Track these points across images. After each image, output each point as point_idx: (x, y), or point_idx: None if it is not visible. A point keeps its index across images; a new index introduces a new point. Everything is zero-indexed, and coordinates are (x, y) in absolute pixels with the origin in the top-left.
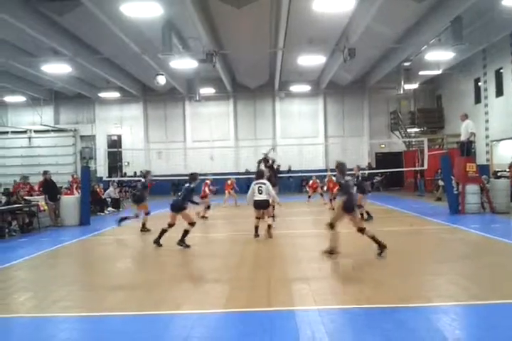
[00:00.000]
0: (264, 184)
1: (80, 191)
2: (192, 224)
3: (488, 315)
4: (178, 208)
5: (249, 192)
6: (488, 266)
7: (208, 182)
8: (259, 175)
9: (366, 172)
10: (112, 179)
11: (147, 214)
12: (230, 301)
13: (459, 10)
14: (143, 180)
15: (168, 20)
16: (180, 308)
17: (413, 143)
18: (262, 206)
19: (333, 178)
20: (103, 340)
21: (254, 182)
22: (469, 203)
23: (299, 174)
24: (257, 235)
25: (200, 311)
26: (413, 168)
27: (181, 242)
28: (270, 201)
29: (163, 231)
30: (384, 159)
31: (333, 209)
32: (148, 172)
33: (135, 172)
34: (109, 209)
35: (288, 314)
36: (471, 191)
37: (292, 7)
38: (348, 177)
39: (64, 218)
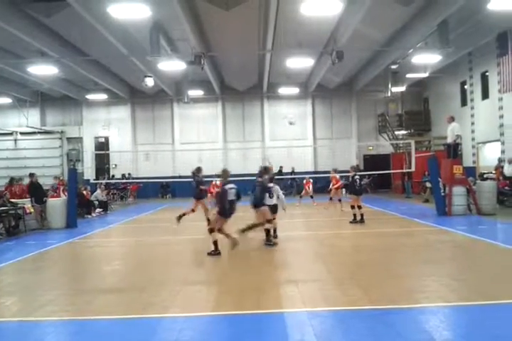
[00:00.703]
0: (273, 187)
1: (66, 193)
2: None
3: (476, 315)
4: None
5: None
6: (475, 267)
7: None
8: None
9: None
10: (100, 181)
11: (193, 211)
12: (218, 304)
13: (445, 14)
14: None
15: (156, 21)
16: (168, 311)
17: (400, 145)
18: (273, 210)
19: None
20: None
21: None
22: (456, 205)
23: (289, 176)
24: (272, 241)
25: (188, 314)
26: (401, 170)
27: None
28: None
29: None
30: (372, 161)
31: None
32: (199, 169)
33: (123, 175)
34: (97, 211)
35: (277, 316)
36: (458, 193)
37: (280, 10)
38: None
39: (50, 221)
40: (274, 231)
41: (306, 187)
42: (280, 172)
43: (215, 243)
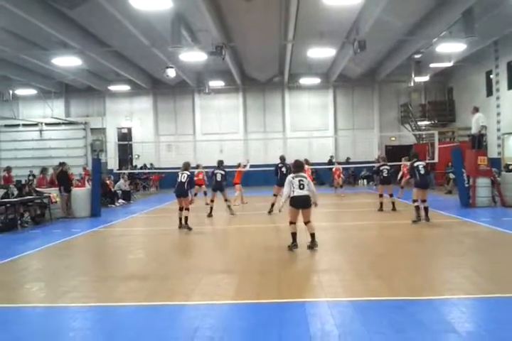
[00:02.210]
0: (306, 178)
1: (90, 183)
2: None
3: (498, 308)
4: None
5: (286, 187)
6: (499, 259)
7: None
8: (298, 167)
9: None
10: (123, 171)
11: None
12: (239, 293)
13: (470, 1)
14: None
15: (177, 12)
16: (190, 299)
17: (423, 136)
18: (304, 203)
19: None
20: (114, 330)
21: (292, 176)
22: (480, 196)
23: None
24: (295, 245)
25: (210, 302)
26: (424, 161)
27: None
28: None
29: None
30: (394, 152)
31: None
32: (221, 161)
33: (145, 165)
34: (120, 201)
35: (297, 306)
36: (482, 184)
37: None
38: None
39: (75, 210)
40: (312, 237)
41: (335, 177)
42: (330, 162)
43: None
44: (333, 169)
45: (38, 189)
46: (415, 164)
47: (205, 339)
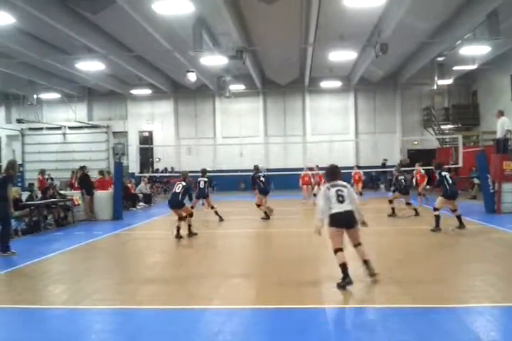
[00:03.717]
0: (345, 187)
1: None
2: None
3: None
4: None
5: (321, 202)
6: None
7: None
8: (334, 173)
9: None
10: (144, 175)
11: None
12: (259, 298)
13: (495, 3)
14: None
15: (199, 17)
16: (211, 303)
17: (447, 140)
18: (349, 221)
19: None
20: (135, 332)
21: (327, 186)
22: (506, 202)
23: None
24: (348, 282)
25: (230, 307)
26: (447, 166)
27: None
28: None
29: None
30: (416, 156)
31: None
32: (204, 170)
33: (165, 168)
34: (141, 204)
35: (318, 312)
36: (508, 190)
37: (323, 2)
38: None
39: (98, 212)
40: (367, 264)
41: (354, 181)
42: (384, 166)
43: None
44: (352, 173)
45: (61, 192)
46: (443, 173)
47: None
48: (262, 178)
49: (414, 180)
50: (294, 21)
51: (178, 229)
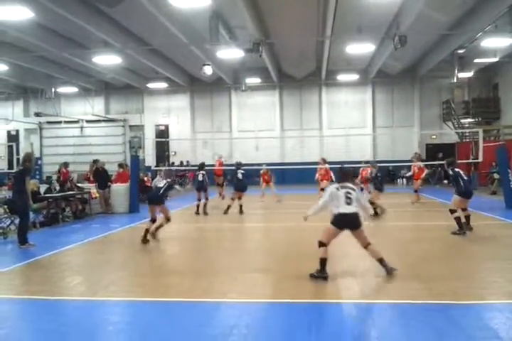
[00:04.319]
0: (354, 190)
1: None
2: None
3: None
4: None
5: (325, 199)
6: None
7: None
8: (348, 176)
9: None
10: (160, 168)
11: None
12: (275, 291)
13: None
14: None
15: (215, 9)
16: (227, 296)
17: (467, 134)
18: (353, 223)
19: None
20: (151, 324)
21: (337, 186)
22: None
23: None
24: (324, 277)
25: (246, 300)
26: (467, 161)
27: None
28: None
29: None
30: (435, 150)
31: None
32: (202, 164)
33: (181, 162)
34: None
35: (335, 307)
36: None
37: None
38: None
39: (114, 205)
40: (382, 262)
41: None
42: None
43: None
44: (361, 169)
45: (79, 184)
46: (456, 170)
47: (241, 338)
48: (239, 175)
49: (410, 173)
50: (311, 13)
51: (147, 230)
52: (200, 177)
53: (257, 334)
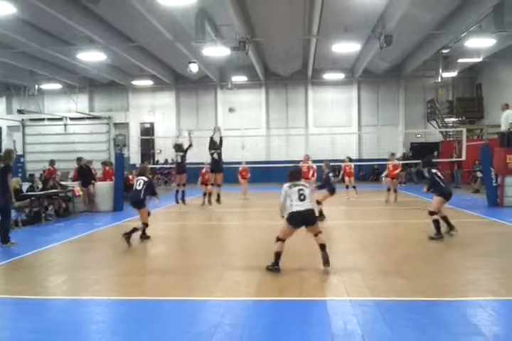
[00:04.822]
0: (306, 186)
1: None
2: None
3: None
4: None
5: (282, 198)
6: None
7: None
8: (296, 174)
9: (400, 162)
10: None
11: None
12: (260, 290)
13: None
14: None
15: (201, 7)
16: (212, 295)
17: (450, 133)
18: (309, 219)
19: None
20: (136, 323)
21: (288, 185)
22: (509, 196)
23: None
24: (276, 269)
25: (231, 298)
26: (450, 159)
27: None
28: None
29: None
30: (420, 149)
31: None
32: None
33: (166, 160)
34: None
35: (320, 304)
36: (511, 183)
37: None
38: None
39: (98, 204)
40: (323, 248)
41: (344, 174)
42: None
43: None
44: (342, 165)
45: (62, 183)
46: (433, 171)
47: (225, 336)
48: (178, 157)
49: (385, 173)
50: (298, 12)
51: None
52: (179, 159)
53: (241, 333)
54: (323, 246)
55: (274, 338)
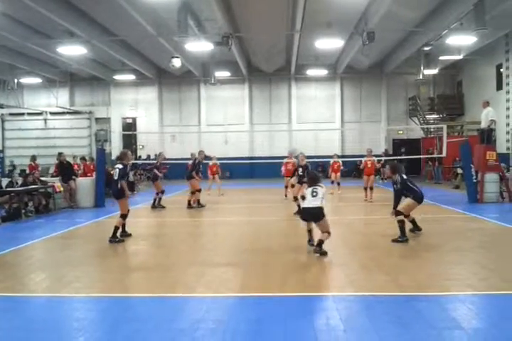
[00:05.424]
0: (322, 187)
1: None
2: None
3: (507, 305)
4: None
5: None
6: (506, 255)
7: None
8: (314, 179)
9: (382, 158)
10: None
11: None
12: (243, 286)
13: None
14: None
15: (184, 1)
16: (195, 291)
17: (432, 129)
18: (314, 215)
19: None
20: (117, 321)
21: (309, 187)
22: (488, 192)
23: (315, 160)
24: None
25: (214, 295)
26: (431, 156)
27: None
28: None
29: None
30: (401, 146)
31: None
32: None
33: (149, 156)
34: None
35: (302, 300)
36: (490, 180)
37: None
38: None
39: (79, 200)
40: (319, 243)
41: (332, 171)
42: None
43: None
44: (331, 162)
45: (42, 178)
46: (405, 177)
47: (208, 331)
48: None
49: (362, 166)
50: (281, 8)
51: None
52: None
53: (224, 328)
54: (320, 242)
55: (257, 333)
